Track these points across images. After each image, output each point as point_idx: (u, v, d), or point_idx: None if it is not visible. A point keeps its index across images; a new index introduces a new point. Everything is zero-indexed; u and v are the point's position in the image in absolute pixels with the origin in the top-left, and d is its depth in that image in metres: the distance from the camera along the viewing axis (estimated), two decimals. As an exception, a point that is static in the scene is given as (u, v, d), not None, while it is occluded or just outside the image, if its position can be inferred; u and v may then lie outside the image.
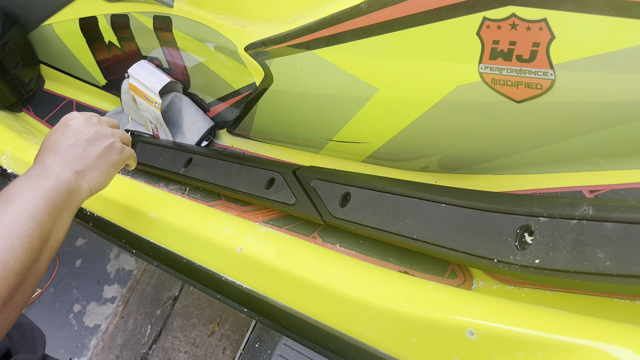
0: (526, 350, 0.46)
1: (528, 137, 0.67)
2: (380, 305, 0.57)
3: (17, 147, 1.26)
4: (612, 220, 0.51)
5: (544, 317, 0.48)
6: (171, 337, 1.86)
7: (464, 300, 0.54)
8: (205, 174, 1.04)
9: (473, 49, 0.63)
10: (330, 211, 0.80)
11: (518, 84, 0.62)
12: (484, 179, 0.78)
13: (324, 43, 0.80)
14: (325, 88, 0.85)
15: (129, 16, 1.20)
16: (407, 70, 0.72)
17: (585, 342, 0.44)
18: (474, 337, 0.49)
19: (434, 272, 0.73)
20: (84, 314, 2.10)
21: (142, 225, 0.88)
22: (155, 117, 1.24)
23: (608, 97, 0.57)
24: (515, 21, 0.58)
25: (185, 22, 1.06)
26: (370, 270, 0.63)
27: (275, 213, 0.96)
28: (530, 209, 0.59)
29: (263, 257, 0.70)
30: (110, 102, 1.53)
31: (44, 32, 1.49)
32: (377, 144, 0.87)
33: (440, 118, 0.73)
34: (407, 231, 0.69)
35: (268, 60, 0.91)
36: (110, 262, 2.20)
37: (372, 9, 0.70)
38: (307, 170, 0.88)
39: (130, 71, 1.25)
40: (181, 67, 1.19)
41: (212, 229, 0.78)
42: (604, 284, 0.50)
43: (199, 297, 1.90)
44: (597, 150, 0.64)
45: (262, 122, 1.08)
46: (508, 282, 0.67)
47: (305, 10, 0.83)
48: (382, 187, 0.76)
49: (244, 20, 0.95)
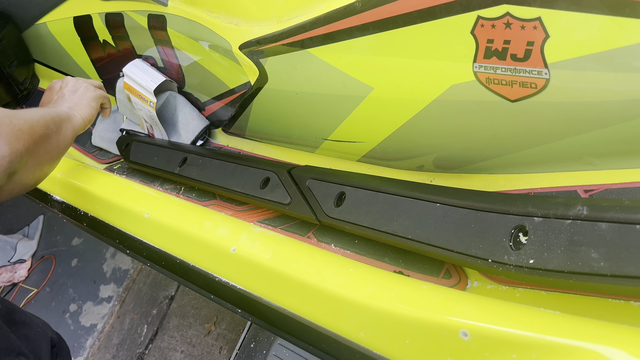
0: (520, 351, 0.46)
1: (523, 137, 0.67)
2: (374, 306, 0.57)
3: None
4: (607, 220, 0.50)
5: (537, 318, 0.48)
6: (167, 336, 1.86)
7: (458, 301, 0.53)
8: (200, 173, 1.03)
9: (467, 48, 0.63)
10: (325, 211, 0.79)
11: (512, 83, 0.61)
12: (479, 178, 0.78)
13: (318, 42, 0.79)
14: (319, 87, 0.85)
15: (123, 15, 1.20)
16: (402, 69, 0.72)
17: (579, 343, 0.43)
18: (468, 338, 0.49)
19: (428, 272, 0.73)
20: (80, 313, 2.09)
21: (136, 225, 0.88)
22: (150, 116, 1.23)
23: (603, 97, 0.57)
24: (509, 20, 0.58)
25: (180, 21, 1.06)
26: (364, 271, 0.63)
27: (270, 213, 0.95)
28: (525, 209, 0.58)
29: (257, 257, 0.69)
30: (105, 101, 1.52)
31: (38, 31, 1.49)
32: (372, 144, 0.86)
33: (435, 117, 0.73)
34: (402, 231, 0.69)
35: (263, 59, 0.91)
36: (106, 261, 2.19)
37: (366, 7, 0.70)
38: (302, 169, 0.88)
39: (125, 70, 1.24)
40: (176, 66, 1.19)
41: (205, 229, 0.78)
42: (598, 285, 0.49)
43: (195, 296, 1.89)
44: (591, 149, 0.63)
45: (257, 121, 1.07)
46: (503, 282, 0.66)
47: (300, 9, 0.82)
48: (377, 186, 0.75)
49: (239, 18, 0.95)
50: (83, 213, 0.99)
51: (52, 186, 1.07)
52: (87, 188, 0.99)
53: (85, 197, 0.99)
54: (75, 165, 1.07)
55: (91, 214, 0.97)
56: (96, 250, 2.23)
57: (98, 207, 0.96)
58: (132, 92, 1.24)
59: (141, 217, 0.86)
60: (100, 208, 0.96)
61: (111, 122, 1.45)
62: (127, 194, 0.94)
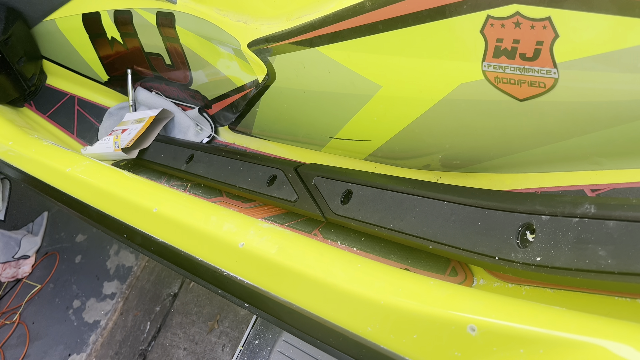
0: (527, 346, 0.46)
1: (530, 136, 0.67)
2: (382, 301, 0.57)
3: (18, 142, 1.26)
4: (614, 218, 0.51)
5: (544, 313, 0.48)
6: (170, 333, 1.86)
7: (465, 297, 0.54)
8: (207, 170, 1.04)
9: (476, 47, 0.63)
10: (332, 208, 0.80)
11: (521, 83, 0.62)
12: (485, 177, 0.78)
13: (327, 40, 0.80)
14: (327, 85, 0.85)
15: (132, 12, 1.20)
16: (410, 68, 0.72)
17: (586, 338, 0.44)
18: (475, 333, 0.49)
19: (435, 269, 0.73)
20: (84, 309, 2.10)
21: (144, 220, 0.88)
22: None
23: (611, 97, 0.57)
24: (519, 19, 0.58)
25: (189, 19, 1.06)
26: (372, 267, 0.63)
27: (276, 210, 0.96)
28: (532, 207, 0.59)
29: (265, 252, 0.70)
30: (113, 98, 1.53)
31: (47, 27, 1.49)
32: (379, 142, 0.87)
33: (443, 116, 0.73)
34: (408, 228, 0.69)
35: (271, 57, 0.91)
36: (110, 258, 2.20)
37: (375, 6, 0.70)
38: (309, 167, 0.89)
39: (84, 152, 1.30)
40: (183, 64, 1.19)
41: (213, 224, 0.79)
42: (605, 282, 0.50)
43: (198, 294, 1.90)
44: (599, 149, 0.64)
45: (264, 119, 1.08)
46: (509, 280, 0.67)
47: (309, 8, 0.83)
48: (384, 184, 0.76)
49: (248, 17, 0.96)
50: (91, 208, 0.99)
51: (60, 181, 1.07)
52: (95, 183, 1.00)
53: (93, 191, 0.99)
54: (82, 160, 1.08)
55: (99, 208, 0.98)
56: (100, 247, 2.23)
57: (106, 201, 0.97)
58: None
59: (150, 212, 0.87)
60: (108, 203, 0.96)
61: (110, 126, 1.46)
62: (135, 189, 0.95)
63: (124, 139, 1.22)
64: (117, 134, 1.27)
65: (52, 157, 1.13)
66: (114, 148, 1.23)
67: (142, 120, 1.26)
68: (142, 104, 1.39)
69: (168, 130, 1.31)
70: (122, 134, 1.25)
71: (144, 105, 1.39)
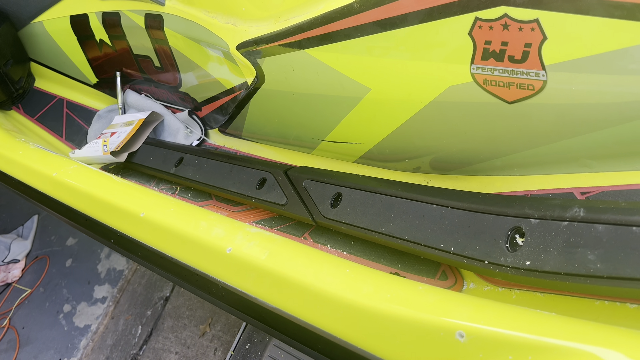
0: (516, 352, 0.46)
1: (520, 138, 0.67)
2: (370, 307, 0.56)
3: (4, 146, 1.24)
4: (603, 222, 0.50)
5: (534, 319, 0.48)
6: (162, 337, 1.85)
7: (454, 302, 0.53)
8: (196, 173, 1.03)
9: (465, 50, 0.63)
10: (322, 212, 0.79)
11: (510, 85, 0.61)
12: (475, 180, 0.78)
13: (316, 42, 0.79)
14: (317, 87, 0.85)
15: (120, 14, 1.19)
16: (399, 70, 0.72)
17: (575, 344, 0.43)
18: (464, 339, 0.49)
19: (425, 273, 0.73)
20: (74, 314, 2.08)
21: (131, 225, 0.87)
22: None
23: (600, 99, 0.57)
24: (507, 21, 0.58)
25: (177, 21, 1.05)
26: (361, 272, 0.62)
27: (266, 213, 0.95)
28: (522, 211, 0.58)
29: (253, 258, 0.69)
30: (102, 100, 1.51)
31: (35, 30, 1.48)
32: (369, 145, 0.86)
33: (432, 119, 0.73)
34: (398, 232, 0.69)
35: (260, 59, 0.91)
36: (101, 262, 2.18)
37: (364, 8, 0.70)
38: (299, 170, 0.88)
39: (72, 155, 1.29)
40: (172, 66, 1.18)
41: (201, 229, 0.78)
42: (595, 286, 0.49)
43: (190, 297, 1.89)
44: (588, 151, 0.64)
45: (254, 122, 1.07)
46: (499, 284, 0.66)
47: (297, 10, 0.82)
48: (374, 187, 0.75)
49: (236, 19, 0.95)
50: (78, 212, 0.98)
51: (46, 185, 1.06)
52: (82, 187, 0.98)
53: (80, 196, 0.98)
54: (69, 164, 1.06)
55: (86, 213, 0.97)
56: (90, 250, 2.22)
57: (92, 206, 0.96)
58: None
59: (137, 217, 0.86)
60: (94, 207, 0.95)
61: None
62: (122, 193, 0.94)
63: (112, 142, 1.21)
64: (106, 137, 1.26)
65: (39, 161, 1.12)
66: (102, 151, 1.21)
67: (132, 123, 1.25)
68: (132, 107, 1.38)
69: (158, 133, 1.29)
70: (111, 137, 1.24)
71: (134, 107, 1.37)
